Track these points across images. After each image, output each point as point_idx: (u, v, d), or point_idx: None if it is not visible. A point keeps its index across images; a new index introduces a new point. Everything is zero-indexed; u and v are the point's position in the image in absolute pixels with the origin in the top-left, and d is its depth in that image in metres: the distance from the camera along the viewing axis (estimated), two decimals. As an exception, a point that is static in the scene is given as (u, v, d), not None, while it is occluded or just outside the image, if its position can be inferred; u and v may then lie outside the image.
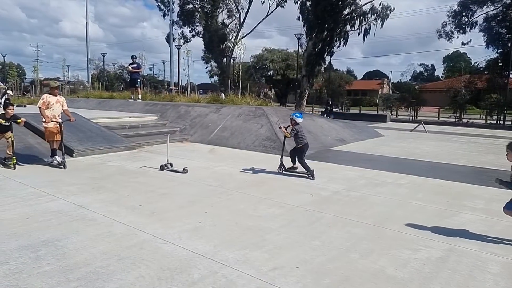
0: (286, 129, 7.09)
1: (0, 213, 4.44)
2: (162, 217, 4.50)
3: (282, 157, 7.32)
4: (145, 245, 3.65)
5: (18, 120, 7.02)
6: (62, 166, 7.06)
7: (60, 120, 7.23)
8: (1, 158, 7.10)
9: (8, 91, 18.46)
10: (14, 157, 6.81)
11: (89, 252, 3.46)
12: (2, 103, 14.65)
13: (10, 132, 6.89)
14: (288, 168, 7.24)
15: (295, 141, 7.09)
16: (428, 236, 4.10)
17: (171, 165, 7.26)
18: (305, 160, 7.03)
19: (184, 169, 7.04)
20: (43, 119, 7.17)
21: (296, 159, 7.11)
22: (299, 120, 7.07)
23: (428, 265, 3.40)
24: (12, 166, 6.77)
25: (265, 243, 3.81)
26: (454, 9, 27.77)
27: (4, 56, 57.56)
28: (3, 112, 7.00)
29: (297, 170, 7.13)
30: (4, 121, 6.76)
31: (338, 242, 3.87)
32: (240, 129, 11.21)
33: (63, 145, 7.28)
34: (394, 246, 3.81)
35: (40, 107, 7.19)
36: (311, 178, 6.81)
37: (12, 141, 6.84)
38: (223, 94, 18.98)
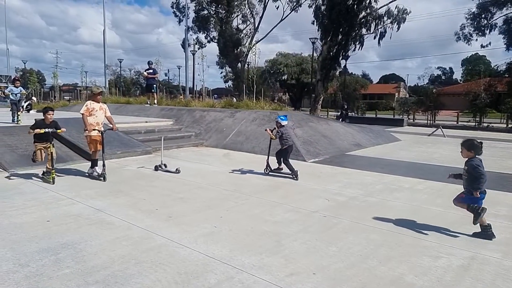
0: (272, 132, 7.29)
1: (21, 216, 4.55)
2: (178, 221, 4.53)
3: (268, 158, 7.50)
4: (162, 249, 3.68)
5: (59, 131, 6.45)
6: (102, 178, 6.58)
7: (102, 129, 6.85)
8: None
9: (33, 98, 19.07)
10: (53, 171, 6.25)
11: (107, 255, 3.51)
12: (25, 107, 15.20)
13: (49, 142, 6.31)
14: (274, 169, 7.43)
15: (280, 143, 7.31)
16: (449, 243, 3.99)
17: (165, 165, 7.55)
18: (289, 160, 7.24)
19: (176, 169, 7.33)
20: (85, 127, 6.69)
21: (282, 160, 7.32)
22: (284, 123, 7.36)
23: (449, 273, 3.31)
24: (51, 181, 6.19)
25: (282, 248, 3.78)
26: (472, 11, 27.14)
27: (25, 63, 59.34)
28: (42, 118, 6.42)
29: (282, 171, 7.34)
30: (43, 130, 6.18)
31: (356, 249, 3.81)
32: (255, 134, 11.22)
33: (104, 155, 6.84)
34: (413, 253, 3.73)
35: (82, 114, 6.70)
36: (295, 178, 6.97)
37: (52, 153, 6.29)
38: (234, 99, 19.14)
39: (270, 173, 7.41)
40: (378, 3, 20.40)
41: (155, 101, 17.18)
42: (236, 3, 30.58)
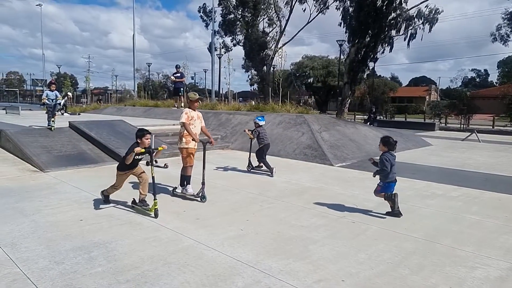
0: (252, 133, 7.81)
1: (56, 215, 4.73)
2: (205, 224, 4.56)
3: (250, 156, 8.06)
4: (190, 251, 3.71)
5: (160, 148, 5.16)
6: (199, 199, 5.60)
7: (199, 141, 5.71)
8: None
9: (69, 93, 19.92)
10: (155, 200, 4.80)
11: (137, 255, 3.58)
12: (62, 103, 16.07)
13: (139, 167, 5.15)
14: (254, 167, 8.01)
15: (257, 142, 7.88)
16: (485, 253, 3.81)
17: (156, 161, 7.70)
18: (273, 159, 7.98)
19: (165, 165, 7.85)
20: (185, 138, 5.67)
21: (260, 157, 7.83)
22: (262, 123, 7.98)
23: (486, 285, 3.16)
24: (152, 213, 4.78)
25: (309, 253, 3.73)
26: (510, 11, 26.01)
27: (59, 67, 62.19)
28: (137, 141, 4.95)
29: (263, 168, 7.85)
30: (138, 155, 4.85)
31: (386, 256, 3.70)
32: (281, 137, 11.18)
33: (204, 172, 5.73)
34: (447, 263, 3.58)
35: (184, 122, 5.58)
36: (271, 175, 7.51)
37: (147, 178, 5.07)
38: (253, 102, 19.34)
39: (251, 170, 7.94)
40: (408, 4, 19.89)
41: (182, 104, 17.47)
42: (262, 6, 30.72)
